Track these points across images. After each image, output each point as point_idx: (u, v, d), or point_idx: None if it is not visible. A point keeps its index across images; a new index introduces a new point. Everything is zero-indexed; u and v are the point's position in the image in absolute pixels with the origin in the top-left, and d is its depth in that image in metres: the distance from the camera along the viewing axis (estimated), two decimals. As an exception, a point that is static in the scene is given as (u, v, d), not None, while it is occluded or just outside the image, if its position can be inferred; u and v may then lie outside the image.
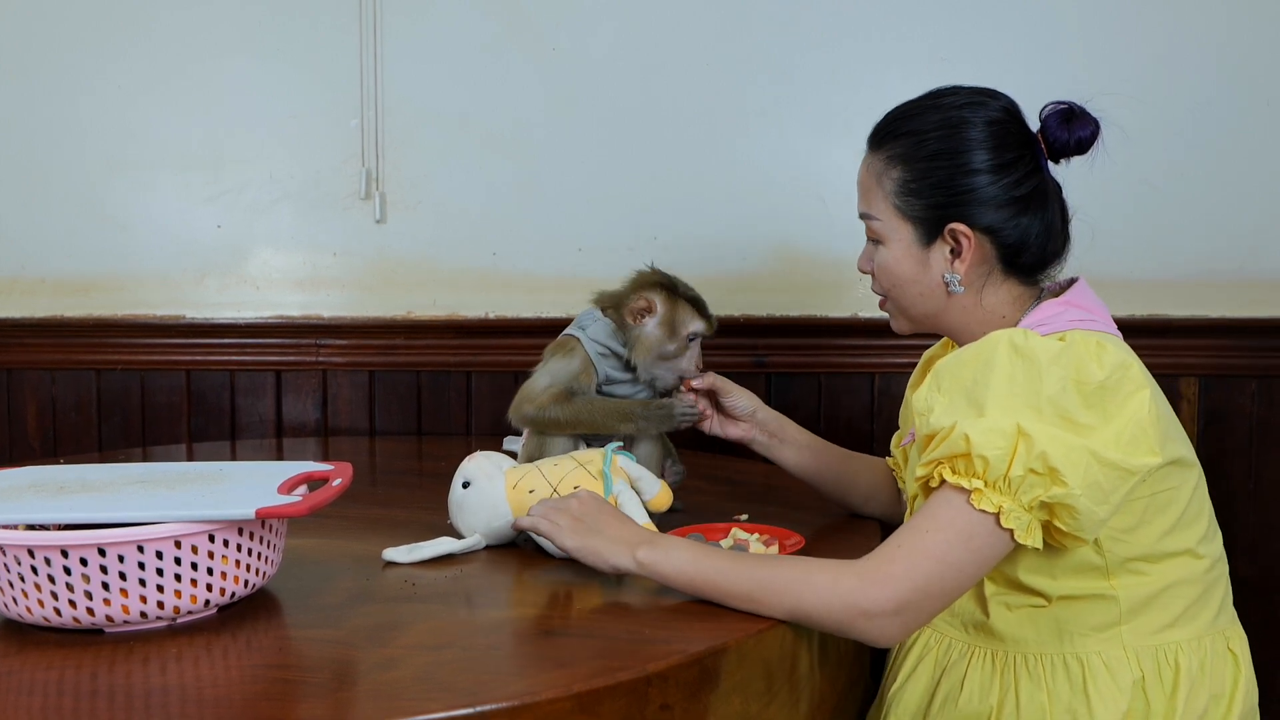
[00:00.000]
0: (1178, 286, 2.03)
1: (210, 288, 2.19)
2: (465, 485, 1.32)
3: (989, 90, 1.23)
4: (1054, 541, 1.10)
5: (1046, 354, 1.07)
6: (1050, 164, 1.23)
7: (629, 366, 1.43)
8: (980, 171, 1.18)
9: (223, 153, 2.19)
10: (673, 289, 1.44)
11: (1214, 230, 2.03)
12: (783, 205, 2.11)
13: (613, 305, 1.46)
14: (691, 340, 1.44)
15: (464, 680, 0.92)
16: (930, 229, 1.21)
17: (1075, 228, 1.26)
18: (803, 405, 2.10)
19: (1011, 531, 1.06)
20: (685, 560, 1.11)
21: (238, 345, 2.19)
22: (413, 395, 2.20)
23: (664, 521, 1.43)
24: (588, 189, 2.14)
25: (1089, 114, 1.21)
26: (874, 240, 1.26)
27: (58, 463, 1.62)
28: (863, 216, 1.27)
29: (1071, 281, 1.26)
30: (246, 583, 1.08)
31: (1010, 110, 1.22)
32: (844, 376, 2.10)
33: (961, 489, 1.06)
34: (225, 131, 2.18)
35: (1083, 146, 1.21)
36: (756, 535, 1.32)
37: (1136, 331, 1.99)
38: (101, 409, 2.22)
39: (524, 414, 1.41)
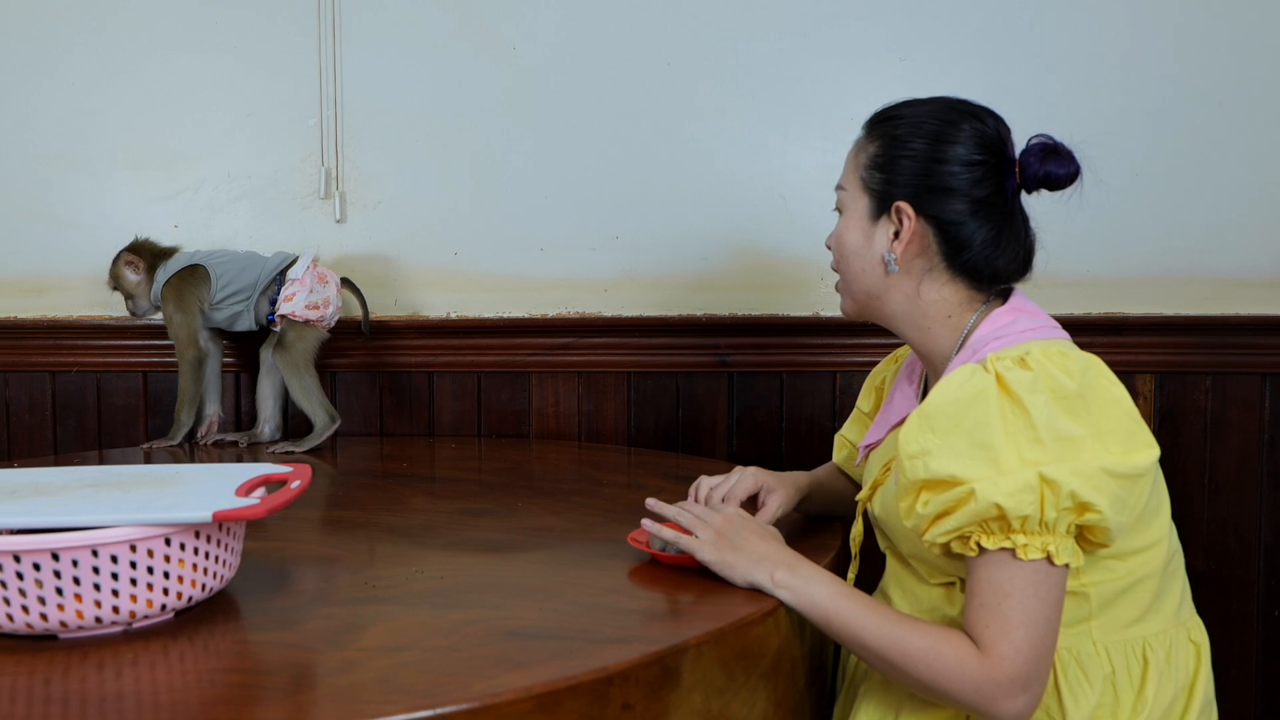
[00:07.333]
0: (1133, 285, 2.06)
1: (167, 288, 2.16)
2: None
3: (991, 111, 1.24)
4: (1083, 550, 1.11)
5: (1021, 385, 1.08)
6: (1025, 195, 1.24)
7: None
8: (944, 162, 1.21)
9: (179, 150, 2.16)
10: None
11: (1169, 229, 2.06)
12: (744, 204, 2.12)
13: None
14: None
15: (423, 682, 0.92)
16: (881, 203, 1.24)
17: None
18: (764, 404, 2.11)
19: (1065, 563, 1.08)
20: (823, 596, 1.13)
21: (196, 346, 2.16)
22: (374, 395, 2.19)
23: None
24: (549, 188, 2.14)
25: (1073, 157, 1.21)
26: (837, 211, 1.31)
27: (11, 466, 1.59)
28: (836, 190, 1.31)
29: (1008, 289, 1.27)
30: (204, 586, 1.07)
31: (1000, 129, 1.23)
32: (806, 375, 2.11)
33: (1004, 549, 1.07)
34: (181, 129, 2.16)
35: (1051, 182, 1.21)
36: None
37: (1093, 329, 2.03)
38: (56, 411, 2.19)
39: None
